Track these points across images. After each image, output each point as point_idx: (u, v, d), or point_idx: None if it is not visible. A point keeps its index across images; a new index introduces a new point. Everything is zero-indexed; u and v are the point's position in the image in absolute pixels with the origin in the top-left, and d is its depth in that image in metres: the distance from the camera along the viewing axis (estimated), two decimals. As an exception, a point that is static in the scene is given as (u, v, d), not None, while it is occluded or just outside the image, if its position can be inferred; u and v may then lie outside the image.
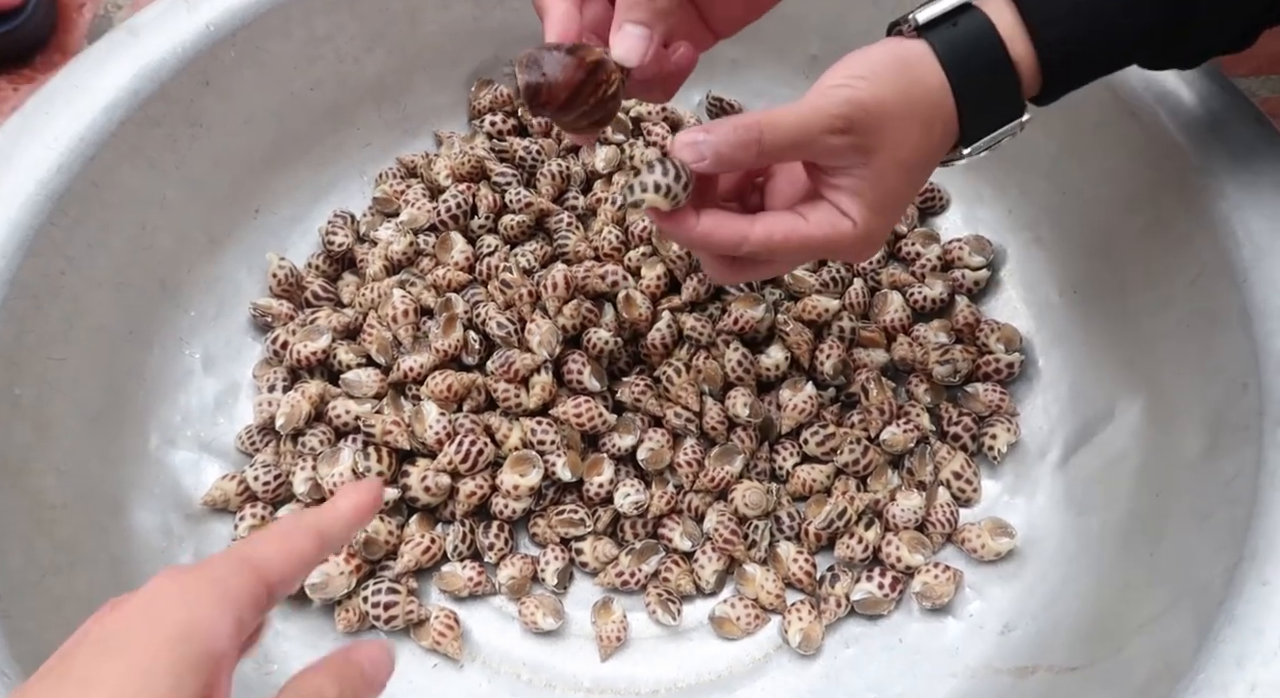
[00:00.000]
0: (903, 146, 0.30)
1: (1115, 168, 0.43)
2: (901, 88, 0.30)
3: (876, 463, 0.46)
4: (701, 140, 0.29)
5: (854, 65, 0.30)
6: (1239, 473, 0.32)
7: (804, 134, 0.29)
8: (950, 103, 0.31)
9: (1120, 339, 0.43)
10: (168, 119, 0.48)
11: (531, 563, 0.46)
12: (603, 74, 0.32)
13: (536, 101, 0.32)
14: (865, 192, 0.31)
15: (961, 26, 0.31)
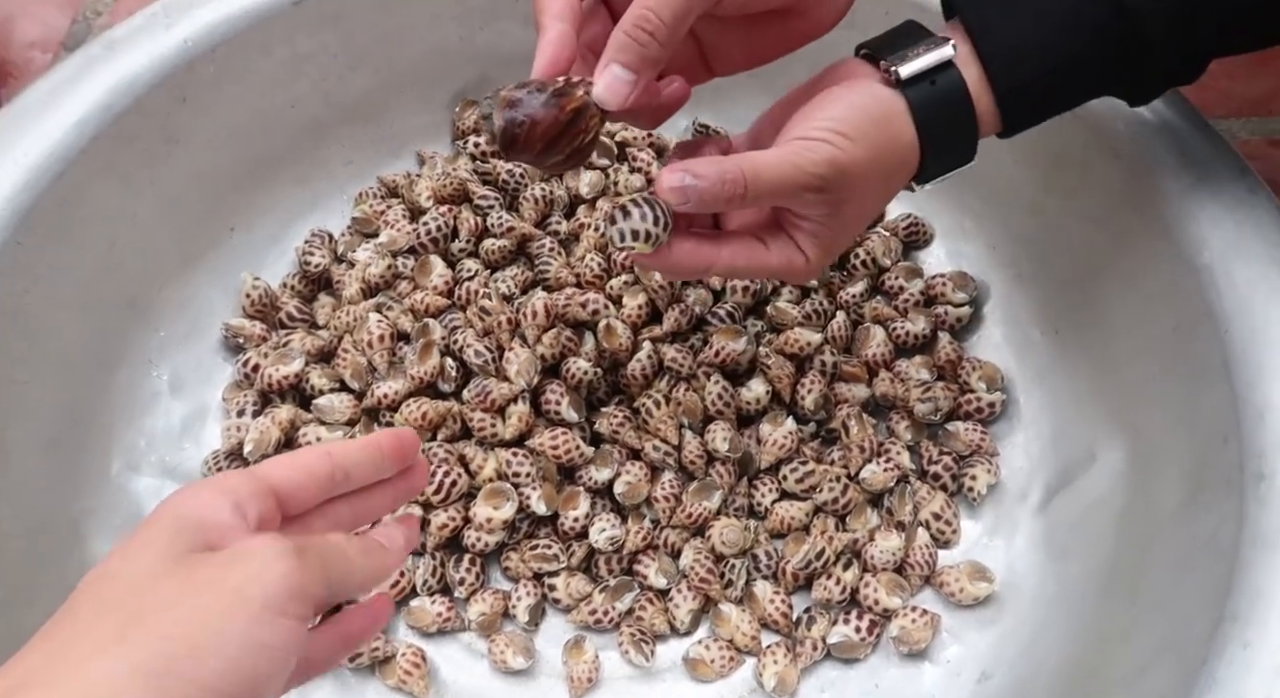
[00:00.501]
0: (865, 200, 0.33)
1: (1098, 210, 0.42)
2: (877, 148, 0.32)
3: (856, 502, 0.46)
4: (689, 186, 0.30)
5: (838, 114, 0.31)
6: (1220, 528, 0.32)
7: (784, 189, 0.31)
8: (915, 157, 0.33)
9: (1102, 383, 0.42)
10: (142, 135, 0.47)
11: (503, 599, 0.45)
12: (581, 123, 0.31)
13: (511, 148, 0.31)
14: (822, 234, 0.33)
15: (939, 86, 0.32)
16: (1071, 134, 0.43)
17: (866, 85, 0.32)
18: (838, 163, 0.31)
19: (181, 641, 0.21)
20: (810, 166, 0.31)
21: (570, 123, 0.31)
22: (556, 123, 0.30)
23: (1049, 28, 0.32)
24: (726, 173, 0.30)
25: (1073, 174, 0.43)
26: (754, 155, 0.31)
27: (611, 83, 0.30)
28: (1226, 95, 0.58)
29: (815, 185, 0.31)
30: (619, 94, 0.30)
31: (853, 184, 0.32)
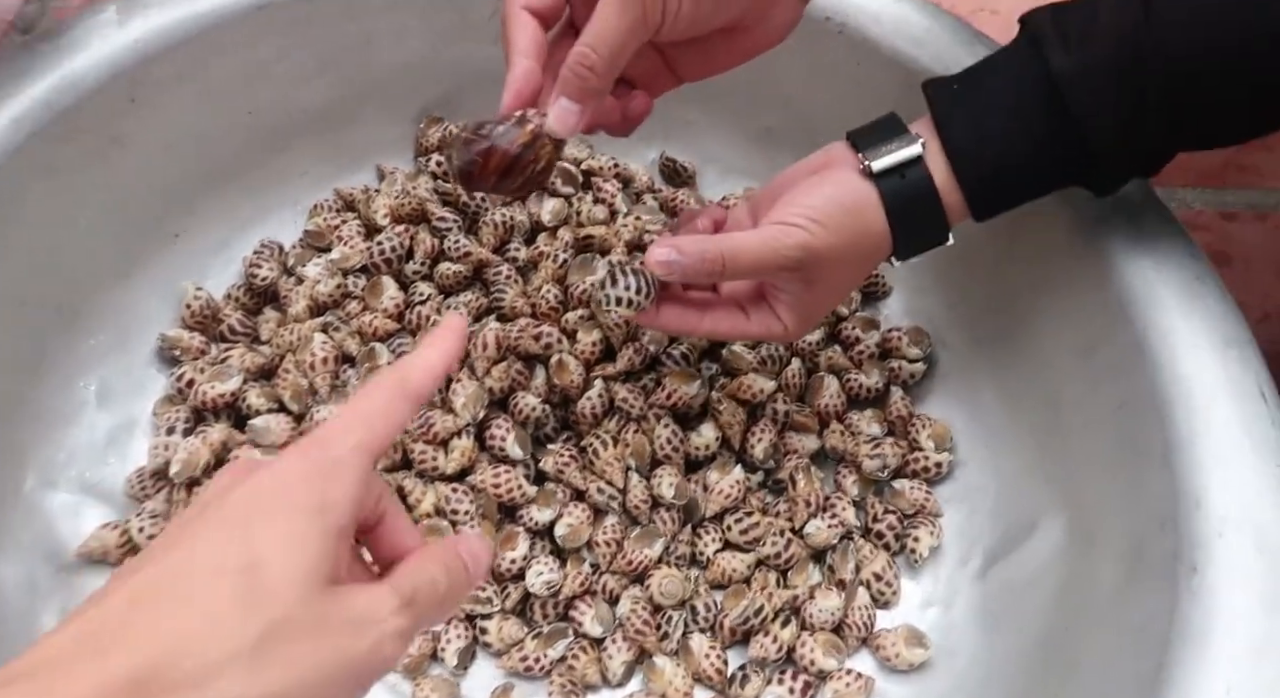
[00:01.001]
0: (840, 278, 0.37)
1: (1054, 281, 0.43)
2: (849, 236, 0.35)
3: (799, 557, 0.45)
4: (674, 261, 0.35)
5: (813, 202, 0.35)
6: (1154, 617, 0.32)
7: (760, 268, 0.35)
8: (888, 242, 0.36)
9: (1047, 453, 0.42)
10: (85, 136, 0.45)
11: (431, 640, 0.44)
12: (532, 153, 0.34)
13: (468, 182, 0.34)
14: (800, 307, 0.37)
15: (909, 179, 0.35)
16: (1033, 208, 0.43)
17: (844, 175, 0.36)
18: (810, 247, 0.34)
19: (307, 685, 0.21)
20: (785, 250, 0.34)
21: (521, 154, 0.34)
22: (508, 155, 0.33)
23: (1006, 129, 0.35)
24: (707, 252, 0.35)
25: (1032, 245, 0.43)
26: (734, 237, 0.35)
27: (560, 114, 0.33)
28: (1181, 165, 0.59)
29: (790, 266, 0.35)
30: (567, 124, 0.34)
31: (825, 265, 0.35)
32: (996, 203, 0.36)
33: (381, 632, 0.23)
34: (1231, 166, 0.59)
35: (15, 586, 0.41)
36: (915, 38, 0.47)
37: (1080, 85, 0.33)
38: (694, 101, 0.56)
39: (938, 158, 0.35)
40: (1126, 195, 0.41)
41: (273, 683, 0.20)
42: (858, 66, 0.49)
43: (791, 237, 0.34)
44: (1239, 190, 0.58)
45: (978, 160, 0.35)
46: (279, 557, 0.21)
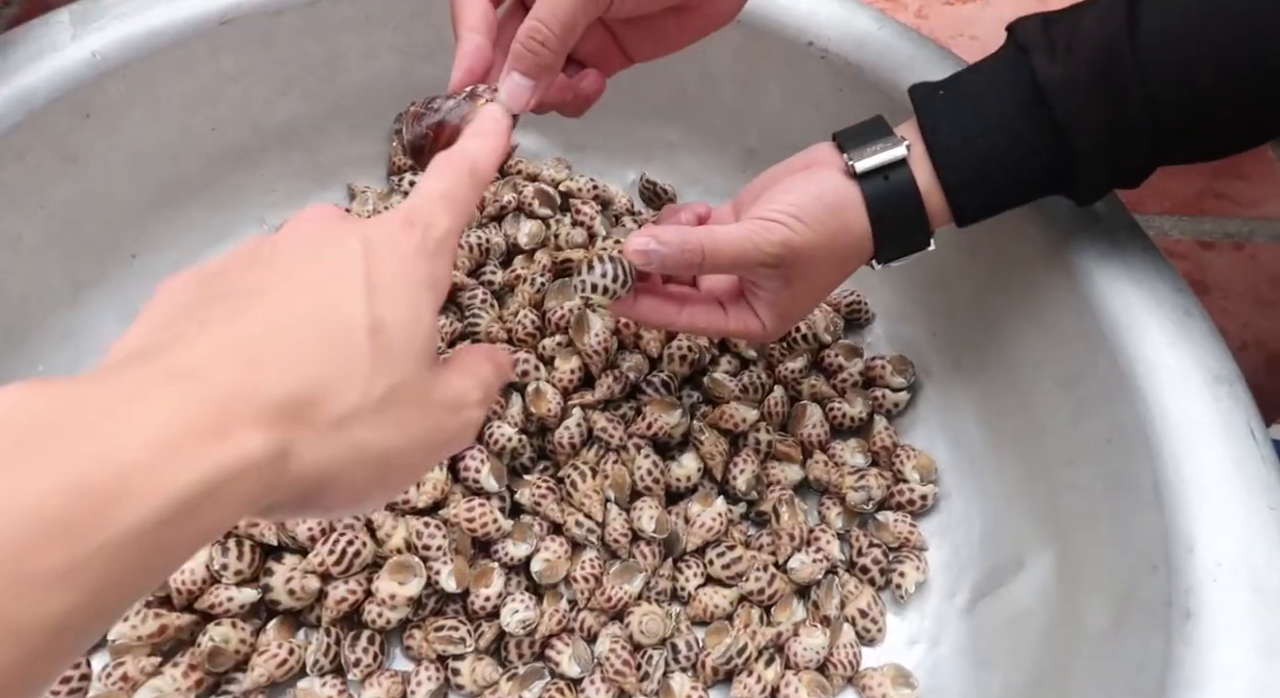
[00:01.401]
0: (819, 278, 0.37)
1: (1037, 312, 0.42)
2: (830, 234, 0.35)
3: (782, 593, 0.44)
4: (653, 251, 0.34)
5: (795, 199, 0.35)
6: (1146, 662, 0.31)
7: (739, 263, 0.35)
8: (869, 243, 0.36)
9: (1033, 487, 0.42)
10: (34, 152, 0.43)
11: (401, 683, 0.42)
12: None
13: (419, 156, 0.33)
14: (779, 305, 0.37)
15: (892, 181, 0.35)
16: (1015, 235, 0.43)
17: (827, 174, 0.35)
18: (790, 243, 0.34)
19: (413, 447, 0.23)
20: (765, 246, 0.34)
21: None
22: (459, 130, 0.32)
23: (991, 134, 0.35)
24: (688, 243, 0.34)
25: (1014, 273, 0.43)
26: (715, 230, 0.34)
27: (512, 90, 0.32)
28: (1160, 193, 0.60)
29: (769, 262, 0.34)
30: (519, 100, 0.32)
31: (805, 263, 0.35)
32: (979, 208, 0.36)
33: (469, 415, 0.25)
34: (1208, 195, 0.60)
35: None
36: (897, 63, 0.46)
37: (1065, 93, 0.33)
38: (674, 123, 0.56)
39: (922, 161, 0.35)
40: (1110, 227, 0.41)
41: (391, 439, 0.22)
42: (840, 92, 0.49)
43: (773, 232, 0.34)
44: (1216, 219, 0.59)
45: (961, 164, 0.35)
46: (401, 327, 0.22)
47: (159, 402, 0.18)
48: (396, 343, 0.22)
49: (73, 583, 0.16)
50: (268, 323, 0.21)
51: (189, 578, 0.41)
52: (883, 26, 0.47)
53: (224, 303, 0.21)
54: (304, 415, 0.20)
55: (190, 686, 0.39)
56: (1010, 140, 0.34)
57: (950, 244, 0.47)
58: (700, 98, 0.54)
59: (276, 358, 0.20)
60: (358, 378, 0.21)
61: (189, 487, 0.17)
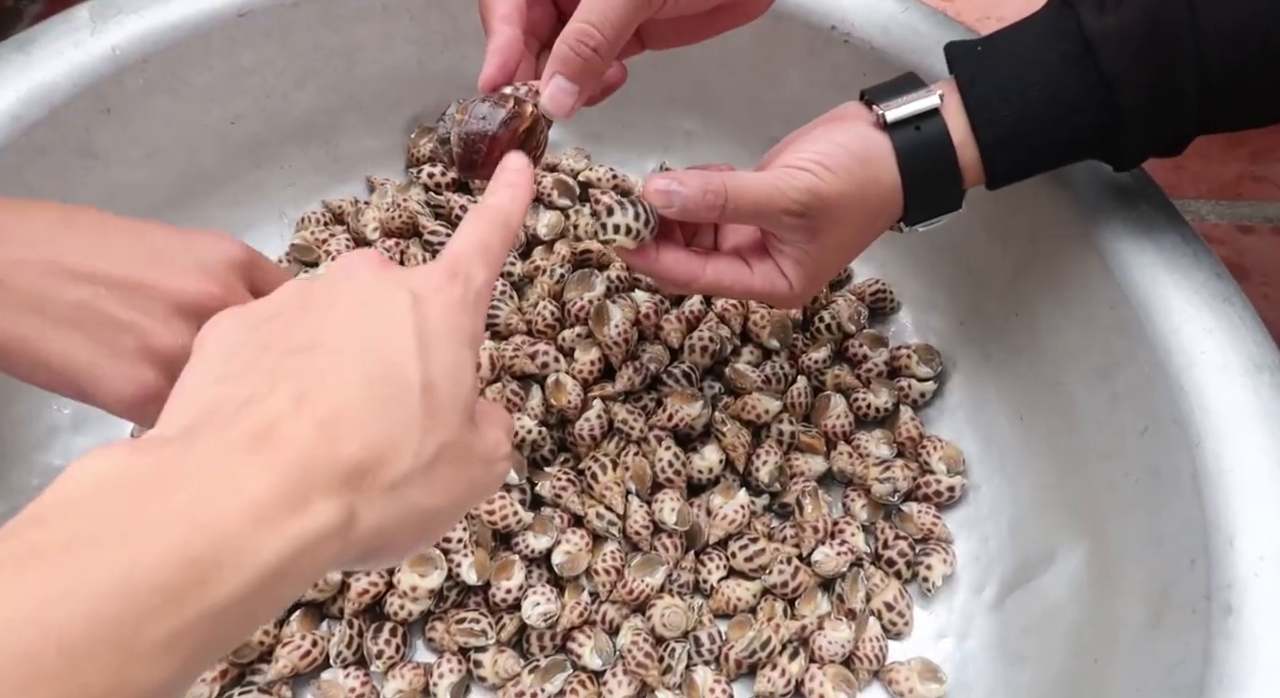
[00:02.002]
0: (847, 232, 0.35)
1: (1070, 300, 0.41)
2: (859, 184, 0.33)
3: (806, 586, 0.43)
4: (674, 191, 0.32)
5: (822, 148, 0.33)
6: (1184, 660, 0.30)
7: (763, 209, 0.33)
8: (899, 198, 0.34)
9: (1065, 479, 0.41)
10: (57, 148, 0.43)
11: (424, 675, 0.42)
12: (534, 140, 0.32)
13: (471, 170, 0.32)
14: (806, 262, 0.35)
15: (924, 132, 0.33)
16: (1047, 221, 0.42)
17: (856, 126, 0.34)
18: (817, 191, 0.32)
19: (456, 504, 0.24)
20: (791, 192, 0.32)
21: (524, 141, 0.32)
22: (512, 142, 0.32)
23: (1031, 86, 0.33)
24: (710, 184, 0.32)
25: (1046, 260, 0.42)
26: (739, 174, 0.33)
27: (555, 94, 0.32)
28: (1197, 177, 0.58)
29: (794, 210, 0.33)
30: (563, 106, 0.32)
31: (832, 214, 0.33)
32: (1013, 167, 0.34)
33: (500, 467, 0.25)
34: (1247, 178, 0.58)
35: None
36: (923, 47, 0.45)
37: (1113, 44, 0.32)
38: (694, 112, 0.55)
39: (957, 114, 0.34)
40: (1146, 212, 0.39)
41: (438, 497, 0.22)
42: (864, 77, 0.48)
43: (799, 179, 0.32)
44: (1255, 203, 0.57)
45: (998, 118, 0.33)
46: (447, 383, 0.23)
47: (247, 472, 0.19)
48: (444, 402, 0.23)
49: (175, 651, 0.17)
50: (334, 383, 0.21)
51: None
52: (907, 9, 0.46)
53: (290, 358, 0.22)
54: (366, 480, 0.21)
55: (215, 677, 0.40)
56: (1052, 95, 0.33)
57: (980, 231, 0.46)
58: (720, 85, 0.53)
59: (345, 421, 0.21)
60: (413, 440, 0.22)
61: (277, 558, 0.18)
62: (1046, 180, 0.41)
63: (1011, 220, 0.44)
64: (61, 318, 0.29)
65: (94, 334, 0.29)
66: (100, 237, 0.31)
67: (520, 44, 0.33)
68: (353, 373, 0.22)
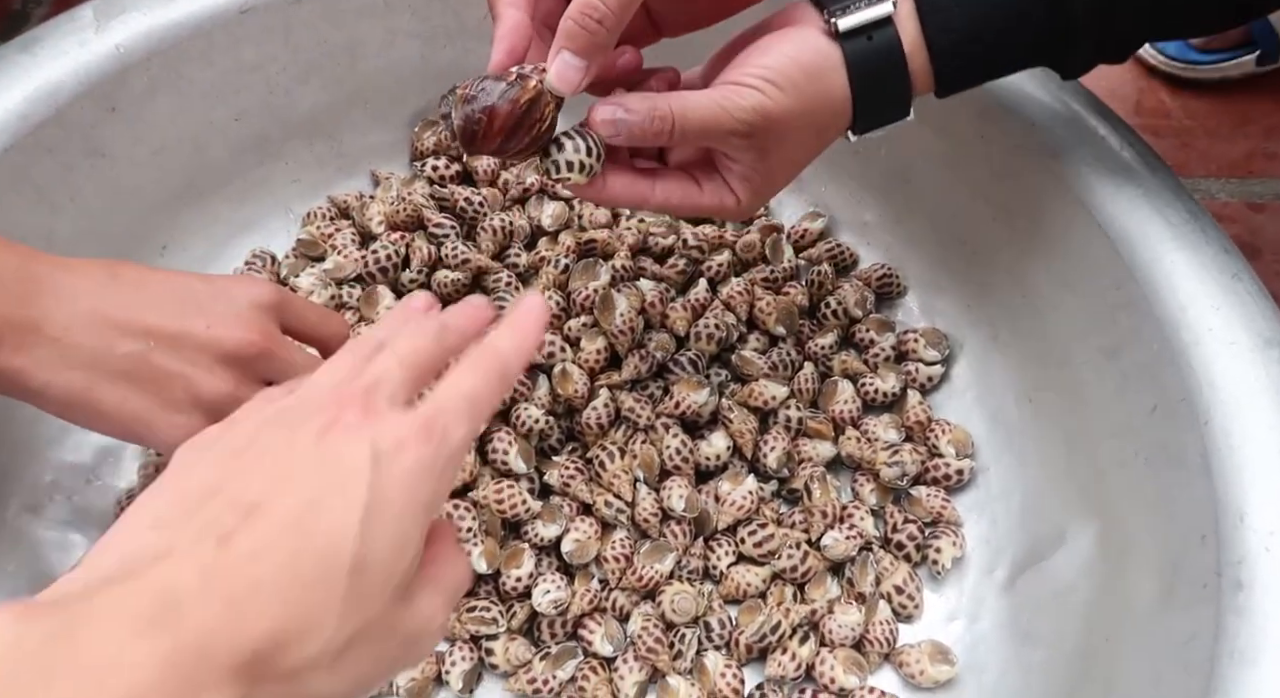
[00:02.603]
0: (796, 150, 0.34)
1: (1078, 279, 0.41)
2: (808, 99, 0.32)
3: (816, 570, 0.43)
4: (620, 120, 0.32)
5: (771, 61, 0.32)
6: (1195, 635, 0.30)
7: (711, 130, 0.32)
8: (848, 110, 0.33)
9: (1075, 459, 0.41)
10: (63, 147, 0.43)
11: (436, 663, 0.42)
12: (537, 112, 0.32)
13: (471, 143, 0.32)
14: (753, 178, 0.34)
15: (875, 42, 0.32)
16: (1053, 201, 0.41)
17: (805, 34, 0.33)
18: (764, 110, 0.32)
19: (364, 684, 0.22)
20: (738, 112, 0.32)
21: (526, 113, 0.32)
22: (513, 114, 0.31)
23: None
24: (656, 110, 0.31)
25: (1052, 240, 0.42)
26: (685, 95, 0.32)
27: (562, 70, 0.31)
28: (1205, 156, 0.58)
29: (741, 131, 0.32)
30: (570, 82, 0.31)
31: (780, 132, 0.33)
32: (964, 72, 0.34)
33: (427, 645, 0.24)
34: (1258, 156, 0.57)
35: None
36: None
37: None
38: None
39: (909, 20, 0.33)
40: (1152, 189, 0.39)
41: (343, 684, 0.21)
42: None
43: (746, 98, 0.31)
44: (1266, 180, 0.56)
45: (952, 23, 0.32)
46: (384, 560, 0.21)
47: (136, 658, 0.18)
48: (374, 583, 0.21)
49: None
50: (261, 552, 0.20)
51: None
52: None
53: (229, 514, 0.21)
54: (266, 668, 0.19)
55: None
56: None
57: (984, 212, 0.46)
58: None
59: (257, 600, 0.20)
60: (327, 625, 0.20)
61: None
62: (1050, 159, 0.41)
63: (1016, 200, 0.44)
64: (116, 371, 0.32)
65: (146, 385, 0.32)
66: (143, 290, 0.33)
67: (528, 28, 0.32)
68: (283, 545, 0.20)
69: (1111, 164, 0.40)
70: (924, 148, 0.47)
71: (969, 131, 0.44)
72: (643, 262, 0.51)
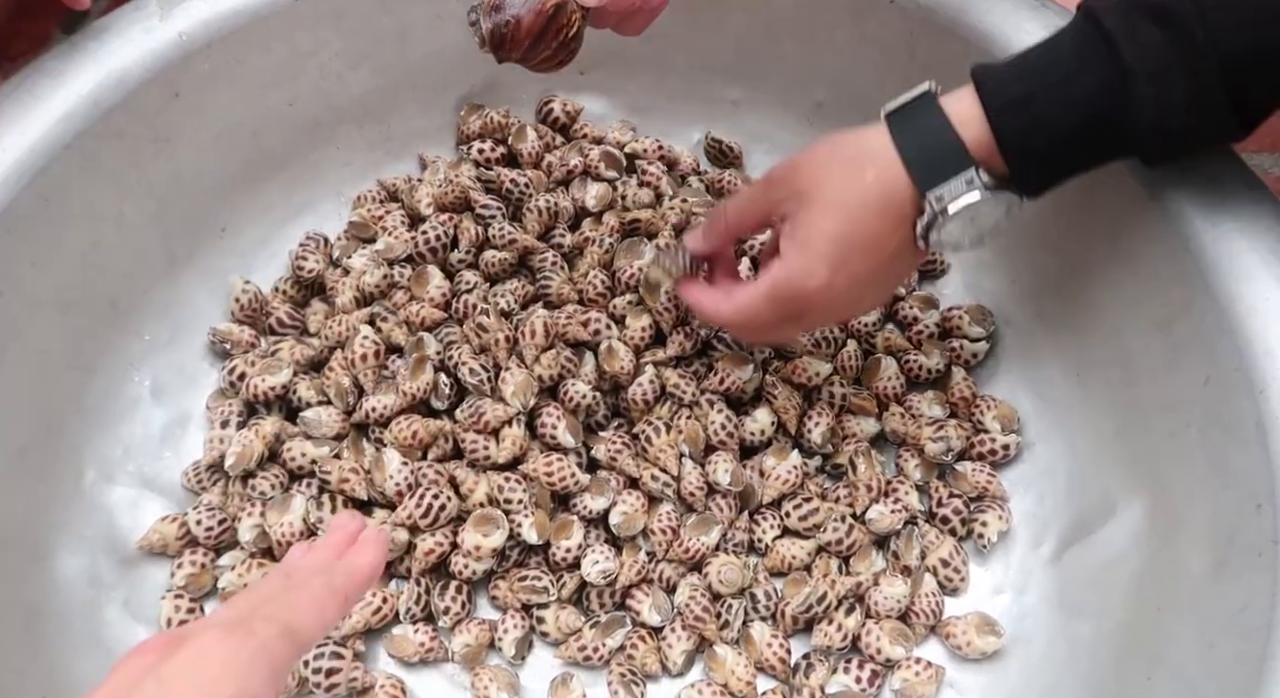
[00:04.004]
0: (830, 186, 0.34)
1: (1127, 252, 0.40)
2: (829, 141, 0.35)
3: (861, 543, 0.44)
4: (694, 231, 0.38)
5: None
6: (1250, 603, 0.30)
7: (750, 195, 0.37)
8: (886, 149, 0.34)
9: (1124, 432, 0.40)
10: (131, 132, 0.45)
11: (489, 630, 0.43)
12: (563, 18, 0.33)
13: (500, 48, 0.33)
14: (797, 231, 0.35)
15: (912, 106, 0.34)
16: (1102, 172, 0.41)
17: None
18: (788, 160, 0.36)
19: None
20: (770, 170, 0.36)
21: (553, 18, 0.33)
22: (540, 18, 0.33)
23: (1035, 53, 0.33)
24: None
25: (1100, 215, 0.41)
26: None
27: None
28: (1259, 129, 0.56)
29: (774, 178, 0.36)
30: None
31: (810, 170, 0.35)
32: (1024, 136, 0.33)
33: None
34: (1311, 128, 0.56)
35: (79, 578, 0.41)
36: (973, 4, 0.45)
37: (1113, 9, 0.31)
38: (737, 80, 0.55)
39: (965, 95, 0.34)
40: (1204, 161, 0.39)
41: None
42: (910, 37, 0.47)
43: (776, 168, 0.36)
44: (1320, 152, 0.55)
45: (1003, 84, 0.33)
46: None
47: None
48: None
49: None
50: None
51: (288, 530, 0.43)
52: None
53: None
54: None
55: (294, 631, 0.41)
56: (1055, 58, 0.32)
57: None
58: (763, 53, 0.53)
59: None
60: None
61: None
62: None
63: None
64: None
65: None
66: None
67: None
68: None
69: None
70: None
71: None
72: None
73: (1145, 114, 0.31)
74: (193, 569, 0.43)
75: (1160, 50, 0.30)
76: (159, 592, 0.43)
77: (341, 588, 0.26)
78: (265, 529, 0.43)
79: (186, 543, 0.44)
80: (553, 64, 0.35)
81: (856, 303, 0.39)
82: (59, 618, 0.39)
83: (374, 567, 0.28)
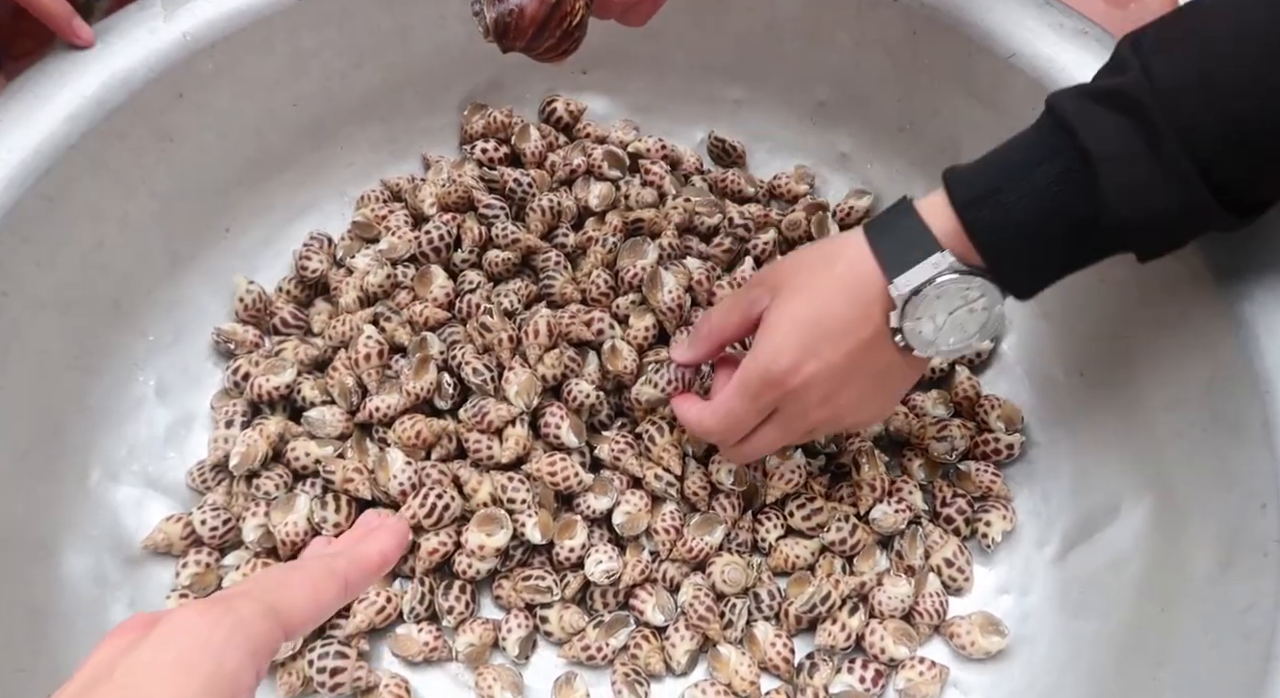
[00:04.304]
0: (801, 276, 0.36)
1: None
2: (808, 245, 0.37)
3: (865, 543, 0.44)
4: (679, 343, 0.40)
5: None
6: (1255, 603, 0.30)
7: (730, 298, 0.38)
8: (859, 245, 0.34)
9: (1129, 432, 0.40)
10: (135, 132, 0.45)
11: (493, 629, 0.43)
12: (567, 6, 0.33)
13: (504, 37, 0.33)
14: (768, 319, 0.36)
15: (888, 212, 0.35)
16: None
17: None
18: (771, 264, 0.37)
19: None
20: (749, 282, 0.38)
21: (556, 6, 0.33)
22: (543, 6, 0.32)
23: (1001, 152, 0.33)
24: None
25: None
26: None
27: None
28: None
29: (754, 281, 0.37)
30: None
31: (787, 269, 0.36)
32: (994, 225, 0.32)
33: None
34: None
35: (84, 577, 0.41)
36: (976, 3, 0.45)
37: (1071, 99, 0.31)
38: (739, 79, 0.55)
39: (935, 197, 0.34)
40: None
41: None
42: (913, 36, 0.47)
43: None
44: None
45: (966, 176, 0.33)
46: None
47: None
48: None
49: None
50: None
51: (293, 530, 0.43)
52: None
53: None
54: None
55: (298, 630, 0.42)
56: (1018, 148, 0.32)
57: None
58: (766, 52, 0.53)
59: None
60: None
61: None
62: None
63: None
64: None
65: None
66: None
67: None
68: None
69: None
70: (972, 122, 0.47)
71: (1018, 104, 0.44)
72: (689, 240, 0.52)
73: (1113, 198, 0.30)
74: (197, 569, 0.43)
75: (1118, 131, 0.30)
76: (164, 591, 0.43)
77: (343, 572, 0.24)
78: (269, 529, 0.43)
79: (191, 543, 0.44)
80: (556, 53, 0.35)
81: (848, 408, 0.36)
82: (64, 617, 0.40)
83: (383, 554, 0.26)
